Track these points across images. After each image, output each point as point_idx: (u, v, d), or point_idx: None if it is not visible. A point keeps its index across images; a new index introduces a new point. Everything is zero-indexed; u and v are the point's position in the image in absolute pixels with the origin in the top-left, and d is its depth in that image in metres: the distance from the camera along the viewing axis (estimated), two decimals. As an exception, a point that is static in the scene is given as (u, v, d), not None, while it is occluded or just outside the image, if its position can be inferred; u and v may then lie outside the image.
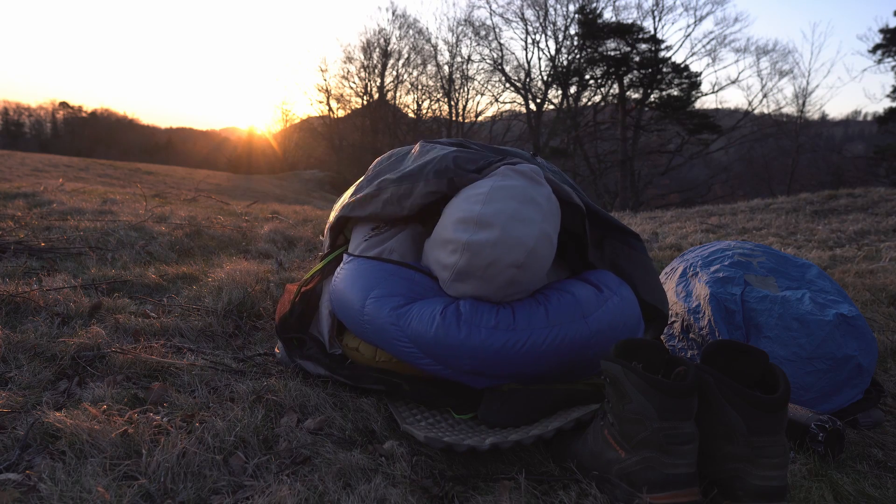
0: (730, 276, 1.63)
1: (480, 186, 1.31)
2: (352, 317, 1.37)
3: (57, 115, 43.77)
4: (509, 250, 1.22)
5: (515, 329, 1.21)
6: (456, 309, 1.25)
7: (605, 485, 1.03)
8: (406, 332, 1.27)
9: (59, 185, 5.38)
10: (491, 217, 1.24)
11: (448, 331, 1.22)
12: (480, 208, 1.25)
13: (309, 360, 1.45)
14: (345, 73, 36.31)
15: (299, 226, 3.95)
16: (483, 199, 1.27)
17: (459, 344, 1.21)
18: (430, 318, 1.25)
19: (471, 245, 1.23)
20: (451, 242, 1.27)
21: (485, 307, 1.25)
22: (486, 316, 1.23)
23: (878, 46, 20.79)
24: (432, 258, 1.36)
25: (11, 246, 2.37)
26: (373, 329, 1.33)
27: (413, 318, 1.27)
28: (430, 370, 1.29)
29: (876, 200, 6.36)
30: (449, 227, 1.30)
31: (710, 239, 4.79)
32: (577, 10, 25.37)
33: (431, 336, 1.23)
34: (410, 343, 1.27)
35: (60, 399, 1.25)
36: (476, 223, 1.24)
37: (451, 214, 1.32)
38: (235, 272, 2.22)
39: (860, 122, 33.88)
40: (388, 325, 1.29)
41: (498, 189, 1.28)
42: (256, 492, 0.98)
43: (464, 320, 1.23)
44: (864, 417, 1.46)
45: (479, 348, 1.20)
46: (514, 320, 1.23)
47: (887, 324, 2.28)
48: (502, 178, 1.31)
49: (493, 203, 1.26)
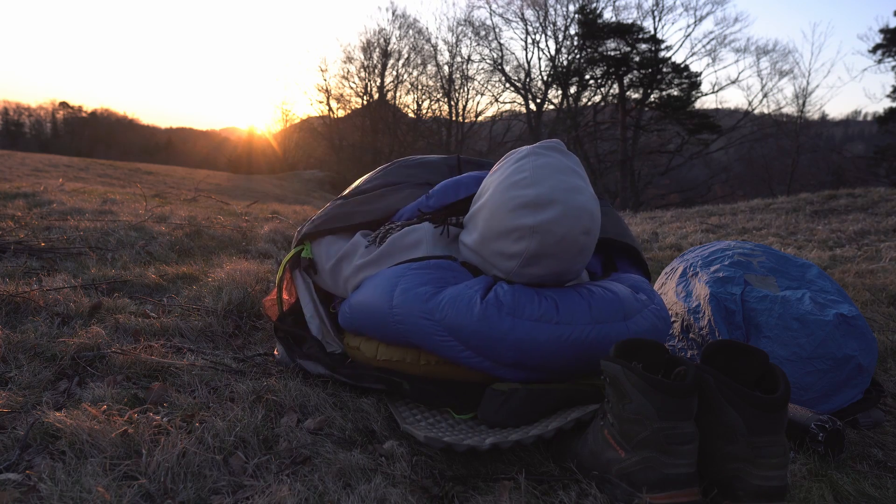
0: (730, 276, 1.63)
1: (519, 171, 1.30)
2: (381, 322, 1.32)
3: (57, 115, 43.80)
4: (577, 219, 1.24)
5: (560, 323, 1.21)
6: (495, 298, 1.22)
7: (605, 485, 1.03)
8: (443, 324, 1.23)
9: (59, 185, 5.38)
10: (548, 195, 1.24)
11: (491, 322, 1.20)
12: (533, 190, 1.25)
13: (309, 360, 1.45)
14: (345, 73, 36.33)
15: (299, 225, 3.95)
16: (530, 181, 1.27)
17: (503, 336, 1.19)
18: (468, 305, 1.22)
19: (539, 227, 1.23)
20: (514, 231, 1.26)
21: (526, 296, 1.23)
22: (528, 306, 1.21)
23: (878, 46, 20.80)
24: (490, 252, 1.33)
25: (11, 246, 2.37)
26: (406, 328, 1.28)
27: (447, 306, 1.23)
28: (470, 363, 1.26)
29: (876, 200, 6.36)
30: (505, 217, 1.28)
31: (710, 239, 4.79)
32: (577, 10, 25.38)
33: (474, 326, 1.20)
34: (449, 335, 1.23)
35: (60, 399, 1.25)
36: (536, 205, 1.24)
37: (499, 205, 1.29)
38: (235, 272, 2.22)
39: (860, 122, 33.90)
40: (422, 319, 1.25)
41: (539, 167, 1.28)
42: (256, 492, 0.98)
43: (506, 311, 1.20)
44: (864, 417, 1.46)
45: (523, 341, 1.19)
46: (557, 313, 1.22)
47: (887, 324, 2.28)
48: (536, 157, 1.31)
49: (543, 181, 1.26)
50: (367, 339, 1.42)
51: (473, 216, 1.40)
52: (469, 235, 1.40)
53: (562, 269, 1.28)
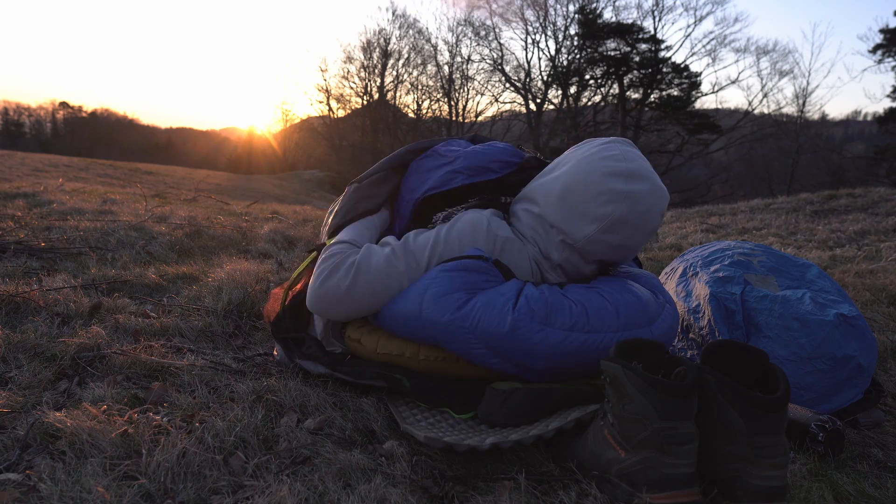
0: (730, 276, 1.63)
1: (609, 149, 1.37)
2: (409, 324, 1.31)
3: (57, 115, 43.79)
4: (660, 199, 1.35)
5: (591, 331, 1.23)
6: (527, 306, 1.22)
7: (605, 485, 1.03)
8: (475, 332, 1.23)
9: (59, 185, 5.38)
10: (640, 170, 1.33)
11: (523, 332, 1.20)
12: (626, 164, 1.33)
13: (309, 360, 1.45)
14: (345, 73, 36.35)
15: (299, 226, 3.95)
16: (622, 157, 1.35)
17: (535, 346, 1.20)
18: (500, 314, 1.21)
19: (631, 194, 1.31)
20: (606, 193, 1.31)
21: (557, 304, 1.24)
22: (560, 315, 1.23)
23: (878, 46, 20.83)
24: (566, 215, 1.36)
25: (11, 246, 2.37)
26: (435, 332, 1.27)
27: (479, 314, 1.23)
28: (500, 369, 1.26)
29: (876, 200, 6.36)
30: (596, 181, 1.33)
31: (710, 239, 4.79)
32: (577, 10, 25.40)
33: (505, 336, 1.21)
34: (479, 343, 1.23)
35: (60, 399, 1.25)
36: (629, 175, 1.32)
37: (590, 170, 1.34)
38: (235, 272, 2.22)
39: (860, 122, 33.89)
40: (454, 326, 1.24)
41: (628, 150, 1.38)
42: (256, 492, 0.98)
43: (539, 319, 1.21)
44: (864, 417, 1.46)
45: (555, 350, 1.21)
46: (588, 320, 1.23)
47: (887, 324, 2.28)
48: (622, 143, 1.40)
49: (634, 160, 1.35)
50: (368, 332, 1.42)
51: (544, 186, 1.42)
52: (533, 205, 1.43)
53: (634, 244, 1.36)
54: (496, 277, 1.31)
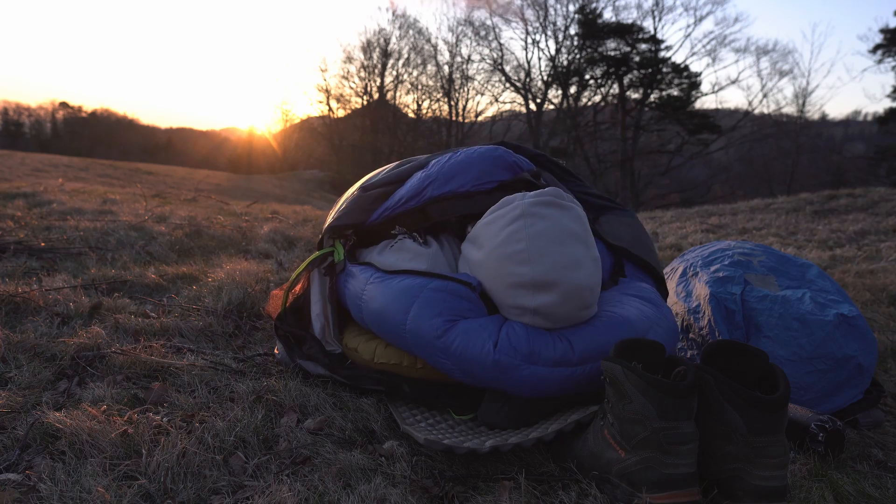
0: (730, 276, 1.63)
1: (514, 241, 1.25)
2: (394, 336, 1.32)
3: (57, 115, 43.75)
4: (578, 297, 1.23)
5: (575, 365, 1.20)
6: (510, 345, 1.19)
7: (605, 485, 1.03)
8: (457, 364, 1.22)
9: (59, 185, 5.38)
10: (545, 276, 1.21)
11: (506, 369, 1.18)
12: (530, 269, 1.22)
13: (309, 360, 1.45)
14: (345, 73, 36.25)
15: (299, 226, 3.95)
16: (527, 257, 1.23)
17: (521, 382, 1.19)
18: (481, 351, 1.19)
19: (540, 308, 1.22)
20: (516, 308, 1.25)
21: (541, 340, 1.21)
22: (545, 352, 1.19)
23: (878, 46, 20.82)
24: (499, 299, 1.29)
25: (11, 246, 2.37)
26: (416, 348, 1.27)
27: (460, 347, 1.20)
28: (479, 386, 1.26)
29: (876, 200, 6.36)
30: (504, 292, 1.26)
31: (710, 239, 4.79)
32: (577, 10, 25.39)
33: (488, 372, 1.19)
34: (462, 373, 1.22)
35: (60, 399, 1.25)
36: (533, 287, 1.22)
37: (496, 277, 1.27)
38: (235, 272, 2.22)
39: (860, 122, 33.85)
40: (436, 353, 1.24)
41: (535, 237, 1.23)
42: (256, 492, 0.98)
43: (521, 357, 1.18)
44: (864, 417, 1.46)
45: (540, 383, 1.19)
46: (573, 353, 1.20)
47: (887, 324, 2.28)
48: (532, 223, 1.25)
49: (540, 259, 1.22)
50: (365, 341, 1.42)
51: (470, 259, 1.37)
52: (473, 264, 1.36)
53: (568, 323, 1.26)
54: (481, 308, 1.29)
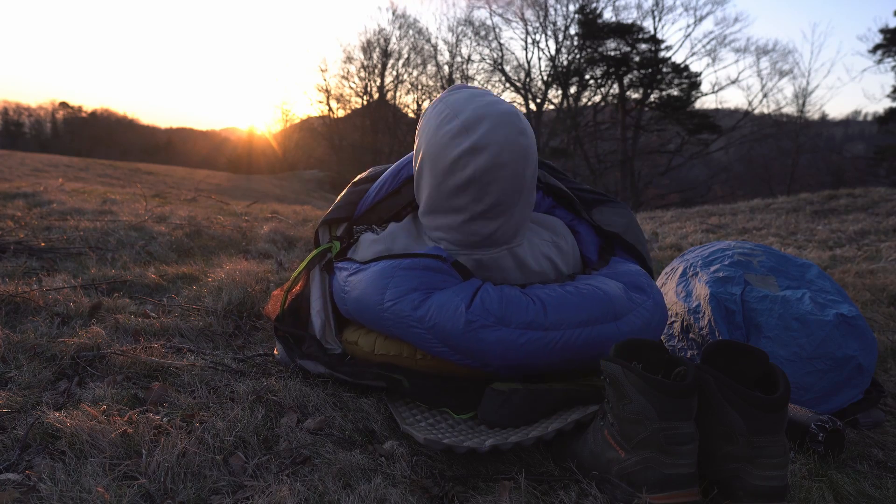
0: (730, 276, 1.63)
1: (439, 113, 1.32)
2: (374, 320, 1.34)
3: (57, 115, 43.73)
4: (509, 122, 1.27)
5: (548, 329, 1.20)
6: (482, 305, 1.21)
7: (605, 485, 1.03)
8: (432, 332, 1.23)
9: (59, 185, 5.38)
10: (474, 114, 1.27)
11: (477, 332, 1.19)
12: (459, 119, 1.27)
13: (309, 360, 1.45)
14: (345, 73, 36.28)
15: (299, 226, 3.95)
16: (452, 114, 1.29)
17: (491, 345, 1.19)
18: (455, 315, 1.21)
19: (479, 142, 1.24)
20: (459, 160, 1.25)
21: (513, 302, 1.22)
22: (517, 313, 1.20)
23: (878, 46, 20.82)
24: (446, 208, 1.32)
25: (11, 246, 2.37)
26: (399, 331, 1.29)
27: (434, 313, 1.23)
28: (462, 363, 1.26)
29: (876, 200, 6.36)
30: (445, 157, 1.28)
31: (710, 239, 4.79)
32: (577, 10, 25.39)
33: (461, 335, 1.20)
34: (438, 342, 1.24)
35: (60, 399, 1.25)
36: (466, 129, 1.26)
37: (436, 150, 1.30)
38: (235, 272, 2.22)
39: (860, 122, 33.85)
40: (413, 327, 1.26)
41: (455, 101, 1.31)
42: (256, 492, 0.98)
43: (493, 319, 1.20)
44: (864, 417, 1.46)
45: (511, 349, 1.19)
46: (546, 317, 1.21)
47: (887, 324, 2.28)
48: (448, 94, 1.35)
49: (464, 108, 1.28)
50: (365, 333, 1.42)
51: (419, 188, 1.40)
52: (428, 216, 1.39)
53: (512, 192, 1.28)
54: (455, 277, 1.30)
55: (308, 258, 1.57)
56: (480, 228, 1.32)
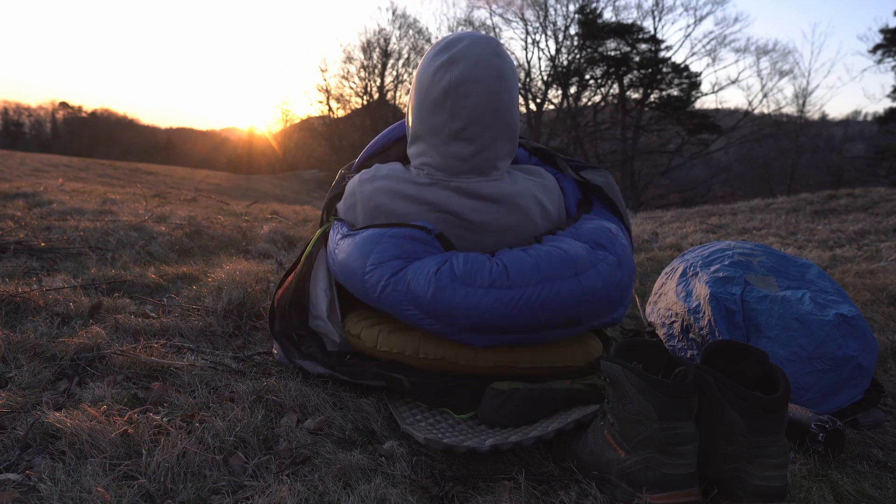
0: (730, 276, 1.63)
1: (432, 50, 1.41)
2: (356, 285, 1.38)
3: (57, 115, 43.72)
4: (485, 43, 1.38)
5: (511, 287, 1.24)
6: (450, 269, 1.27)
7: (605, 485, 1.03)
8: (406, 296, 1.28)
9: (59, 185, 5.38)
10: (456, 38, 1.39)
11: (445, 293, 1.25)
12: (445, 44, 1.39)
13: (308, 360, 1.45)
14: (345, 73, 36.28)
15: (299, 226, 3.95)
16: (443, 46, 1.39)
17: (457, 304, 1.24)
18: (426, 279, 1.26)
19: (455, 55, 1.35)
20: (437, 71, 1.36)
21: (478, 265, 1.27)
22: (480, 275, 1.25)
23: (878, 46, 20.81)
24: (427, 129, 1.40)
25: (11, 246, 2.37)
26: (376, 295, 1.33)
27: (410, 279, 1.28)
28: (433, 330, 1.29)
29: (876, 200, 6.36)
30: (428, 73, 1.38)
31: (710, 239, 4.79)
32: (577, 10, 25.37)
33: (430, 298, 1.25)
34: (412, 305, 1.28)
35: (60, 399, 1.25)
36: (447, 47, 1.37)
37: (423, 73, 1.40)
38: (235, 272, 2.22)
39: (860, 122, 33.85)
40: (390, 290, 1.30)
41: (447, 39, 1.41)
42: (256, 492, 0.98)
43: (459, 281, 1.25)
44: (864, 417, 1.46)
45: (475, 307, 1.23)
46: (507, 277, 1.25)
47: (887, 324, 2.28)
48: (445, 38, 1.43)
49: (453, 40, 1.39)
50: (367, 327, 1.42)
51: (408, 123, 1.49)
52: (413, 144, 1.47)
53: (488, 111, 1.35)
54: (437, 249, 1.35)
55: (312, 240, 1.58)
56: (459, 150, 1.38)
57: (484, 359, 1.31)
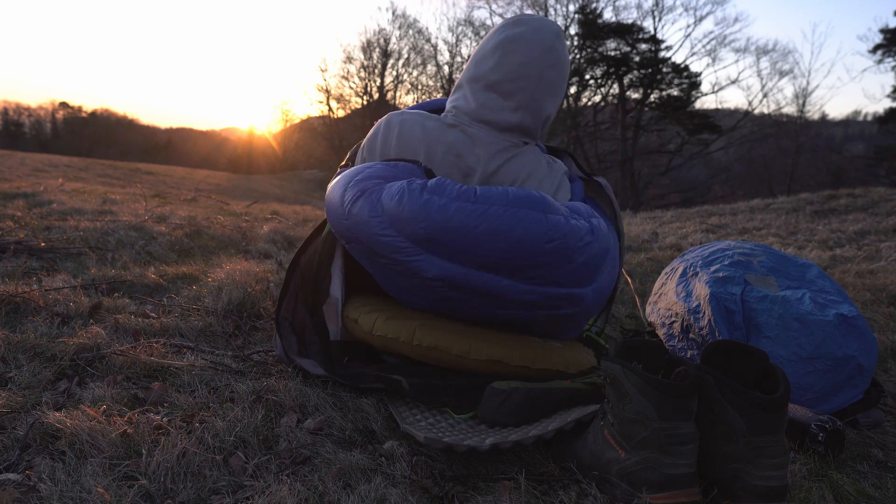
0: (730, 276, 1.63)
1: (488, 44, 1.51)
2: (334, 203, 1.38)
3: (57, 115, 43.72)
4: (551, 25, 1.48)
5: (476, 202, 1.24)
6: (423, 184, 1.29)
7: (605, 485, 1.03)
8: (375, 207, 1.28)
9: (59, 185, 5.38)
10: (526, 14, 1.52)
11: (411, 198, 1.25)
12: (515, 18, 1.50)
13: (308, 359, 1.45)
14: (345, 73, 36.27)
15: (299, 226, 3.95)
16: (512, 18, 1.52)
17: (418, 209, 1.23)
18: (398, 190, 1.28)
19: (520, 19, 1.48)
20: (497, 33, 1.47)
21: (450, 182, 1.29)
22: (450, 187, 1.27)
23: (878, 46, 20.82)
24: (469, 76, 1.51)
25: (11, 246, 2.37)
26: (347, 209, 1.33)
27: (384, 192, 1.29)
28: (391, 244, 1.27)
29: (876, 200, 6.36)
30: (489, 36, 1.50)
31: (710, 239, 4.79)
32: (577, 10, 25.37)
33: (394, 203, 1.26)
34: (377, 214, 1.28)
35: (60, 399, 1.25)
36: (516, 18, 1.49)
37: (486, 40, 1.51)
38: (235, 272, 2.22)
39: (860, 122, 33.82)
40: (362, 202, 1.31)
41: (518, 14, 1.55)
42: (256, 492, 0.98)
43: (428, 190, 1.27)
44: (864, 417, 1.46)
45: (434, 213, 1.22)
46: (475, 195, 1.26)
47: (887, 324, 2.28)
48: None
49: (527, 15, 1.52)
50: (366, 312, 1.43)
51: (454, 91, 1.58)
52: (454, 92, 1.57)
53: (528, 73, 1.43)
54: (422, 178, 1.37)
55: None
56: (490, 101, 1.47)
57: (476, 350, 1.32)
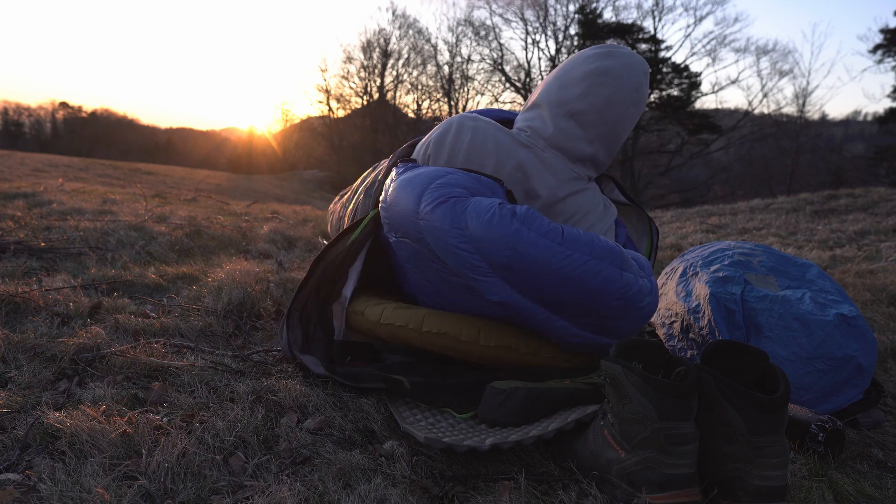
0: (730, 276, 1.63)
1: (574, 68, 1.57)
2: (408, 198, 1.34)
3: (57, 115, 43.71)
4: (641, 63, 1.54)
5: (562, 244, 1.24)
6: (513, 209, 1.28)
7: (605, 485, 1.03)
8: (459, 218, 1.25)
9: (59, 185, 5.38)
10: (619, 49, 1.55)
11: (502, 222, 1.23)
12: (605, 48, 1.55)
13: (310, 355, 1.45)
14: (345, 73, 36.29)
15: (299, 226, 3.95)
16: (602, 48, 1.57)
17: (506, 236, 1.22)
18: (488, 208, 1.26)
19: (611, 52, 1.51)
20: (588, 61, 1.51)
21: (539, 216, 1.29)
22: (538, 223, 1.27)
23: (878, 46, 20.84)
24: (551, 99, 1.54)
25: (11, 246, 2.37)
26: (429, 209, 1.29)
27: (470, 207, 1.26)
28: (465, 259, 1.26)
29: (876, 200, 6.35)
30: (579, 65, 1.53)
31: (710, 239, 4.79)
32: (577, 10, 25.37)
33: (483, 223, 1.24)
34: (458, 228, 1.25)
35: (60, 399, 1.25)
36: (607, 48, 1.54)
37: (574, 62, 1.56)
38: (235, 272, 2.21)
39: (860, 122, 33.81)
40: (445, 208, 1.27)
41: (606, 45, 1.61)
42: (256, 492, 0.98)
43: (518, 218, 1.25)
44: (864, 417, 1.46)
45: (520, 245, 1.22)
46: (561, 237, 1.26)
47: (887, 324, 2.28)
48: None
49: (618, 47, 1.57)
50: (373, 305, 1.42)
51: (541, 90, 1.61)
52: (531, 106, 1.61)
53: (612, 109, 1.50)
54: (500, 196, 1.38)
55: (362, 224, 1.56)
56: (569, 129, 1.51)
57: (485, 337, 1.30)
